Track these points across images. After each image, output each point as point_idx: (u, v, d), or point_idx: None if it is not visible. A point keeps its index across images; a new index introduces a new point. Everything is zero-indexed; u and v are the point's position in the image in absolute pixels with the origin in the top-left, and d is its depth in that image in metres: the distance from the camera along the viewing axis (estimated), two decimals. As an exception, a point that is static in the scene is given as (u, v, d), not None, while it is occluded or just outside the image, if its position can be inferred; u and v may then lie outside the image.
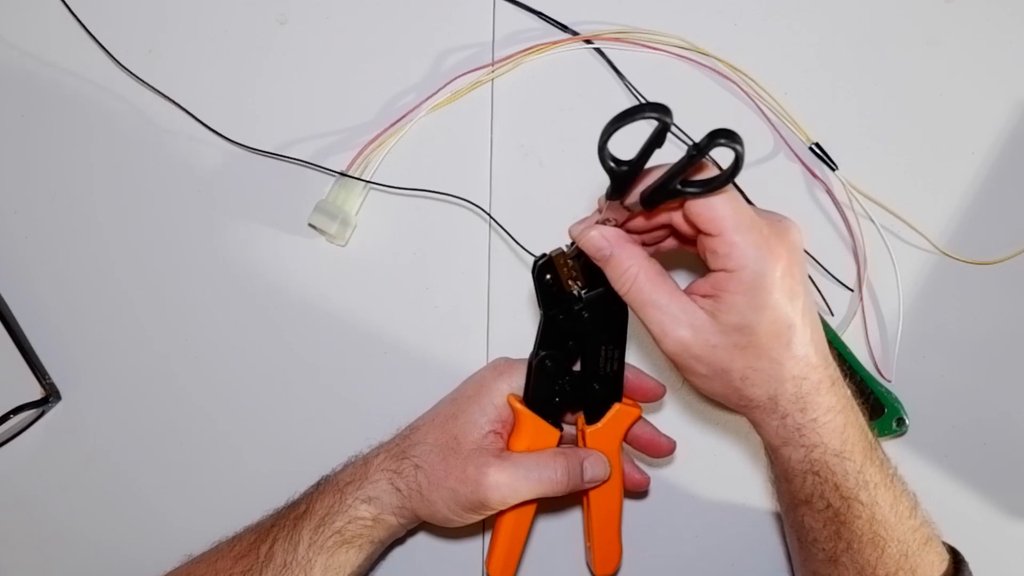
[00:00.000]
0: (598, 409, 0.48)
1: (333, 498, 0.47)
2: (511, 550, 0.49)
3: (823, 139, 0.56)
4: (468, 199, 0.56)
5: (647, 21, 0.57)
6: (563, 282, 0.46)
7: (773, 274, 0.38)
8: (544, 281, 0.46)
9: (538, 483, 0.46)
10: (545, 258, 0.46)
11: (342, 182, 0.56)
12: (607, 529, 0.50)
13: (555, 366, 0.47)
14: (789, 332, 0.39)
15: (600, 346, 0.47)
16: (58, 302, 0.58)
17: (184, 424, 0.57)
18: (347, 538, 0.47)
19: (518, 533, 0.49)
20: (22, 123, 0.59)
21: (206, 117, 0.57)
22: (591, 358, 0.48)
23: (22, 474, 0.58)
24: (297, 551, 0.46)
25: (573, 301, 0.47)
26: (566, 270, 0.46)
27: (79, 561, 0.58)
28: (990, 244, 0.56)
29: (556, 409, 0.48)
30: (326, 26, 0.58)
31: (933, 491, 0.56)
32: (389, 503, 0.47)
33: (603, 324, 0.47)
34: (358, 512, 0.47)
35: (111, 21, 0.59)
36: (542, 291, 0.46)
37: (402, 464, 0.47)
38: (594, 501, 0.49)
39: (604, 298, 0.46)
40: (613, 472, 0.48)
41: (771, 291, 0.39)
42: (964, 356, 0.56)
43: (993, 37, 0.57)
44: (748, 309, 0.39)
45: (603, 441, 0.48)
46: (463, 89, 0.57)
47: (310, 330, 0.57)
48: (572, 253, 0.45)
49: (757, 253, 0.38)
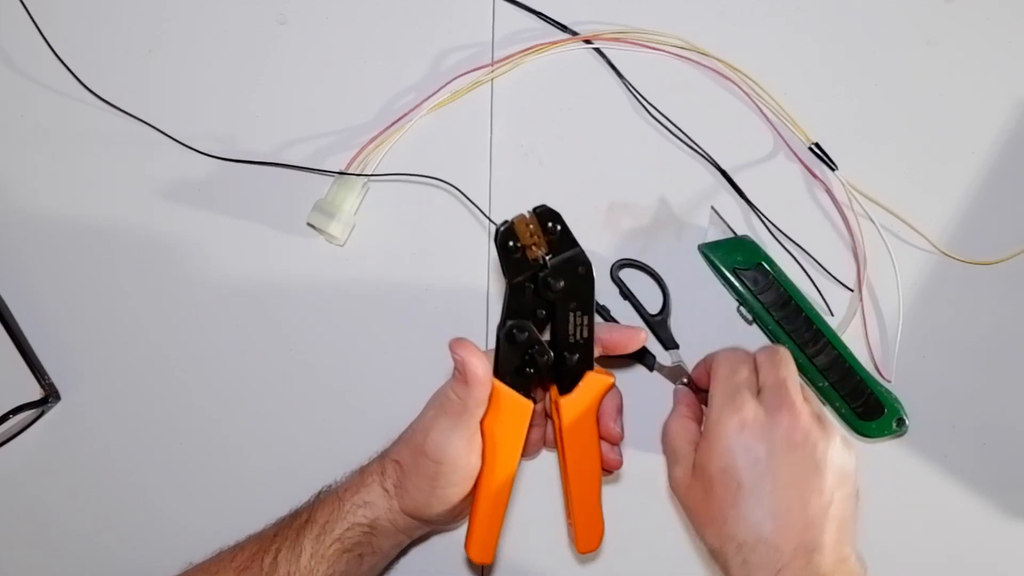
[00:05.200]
0: (570, 379, 0.47)
1: (332, 506, 0.48)
2: (489, 529, 0.48)
3: (823, 139, 0.56)
4: (464, 191, 0.56)
5: (647, 21, 0.57)
6: (527, 249, 0.45)
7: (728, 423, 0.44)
8: (508, 248, 0.45)
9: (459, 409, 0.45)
10: (507, 224, 0.45)
11: (341, 181, 0.55)
12: (587, 503, 0.49)
13: (523, 335, 0.46)
14: (737, 490, 0.43)
15: (568, 313, 0.47)
16: (58, 302, 0.58)
17: (183, 424, 0.57)
18: (347, 546, 0.47)
19: (496, 511, 0.48)
20: (21, 123, 0.59)
21: (206, 116, 0.57)
22: (560, 326, 0.47)
23: (22, 474, 0.58)
24: (300, 562, 0.47)
25: (538, 268, 0.46)
26: (528, 235, 0.45)
27: (79, 561, 0.58)
28: (990, 244, 0.56)
29: (527, 380, 0.47)
30: (326, 26, 0.58)
31: (933, 491, 0.56)
32: (382, 506, 0.48)
33: (570, 290, 0.46)
34: (356, 518, 0.47)
35: (110, 21, 0.59)
36: (506, 258, 0.45)
37: (385, 464, 0.49)
38: (572, 475, 0.48)
39: (570, 263, 0.46)
40: (590, 444, 0.48)
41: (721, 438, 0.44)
42: (964, 356, 0.56)
43: (993, 37, 0.57)
44: (704, 450, 0.45)
45: (576, 410, 0.47)
46: (463, 89, 0.57)
47: (310, 330, 0.57)
48: (533, 219, 0.45)
49: (722, 403, 0.45)
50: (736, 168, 0.56)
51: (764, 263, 0.54)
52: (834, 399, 0.54)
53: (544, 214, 0.45)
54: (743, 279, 0.54)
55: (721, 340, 0.56)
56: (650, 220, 0.57)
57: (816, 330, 0.54)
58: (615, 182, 0.57)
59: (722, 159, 0.56)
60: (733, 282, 0.54)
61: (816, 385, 0.54)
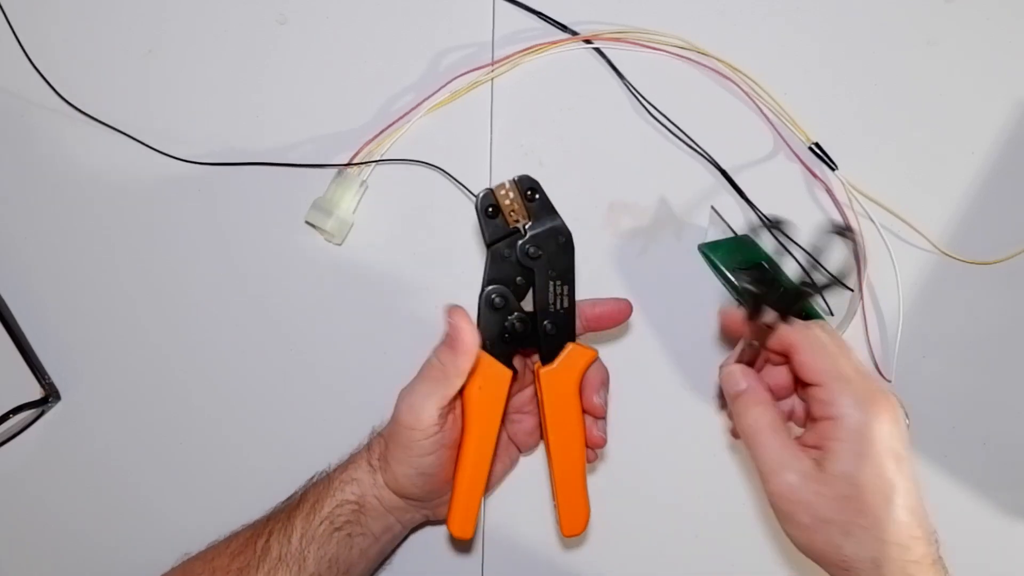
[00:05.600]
0: (551, 349, 0.48)
1: (322, 485, 0.49)
2: (469, 501, 0.47)
3: (823, 139, 0.56)
4: (463, 184, 0.56)
5: (647, 21, 0.57)
6: (506, 215, 0.46)
7: (877, 426, 0.39)
8: (487, 213, 0.46)
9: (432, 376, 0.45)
10: (487, 190, 0.46)
11: (339, 180, 0.55)
12: (572, 485, 0.49)
13: (503, 301, 0.47)
14: (892, 492, 0.39)
15: (548, 282, 0.47)
16: (58, 302, 0.58)
17: (183, 423, 0.58)
18: (337, 524, 0.47)
19: (476, 482, 0.47)
20: (21, 123, 0.59)
21: (206, 117, 0.58)
22: (540, 295, 0.47)
23: (22, 474, 0.58)
24: (291, 543, 0.47)
25: (517, 236, 0.47)
26: (508, 203, 0.46)
27: (79, 561, 0.58)
28: (990, 244, 0.56)
29: (507, 347, 0.47)
30: (326, 26, 0.58)
31: (933, 491, 0.56)
32: (367, 481, 0.48)
33: (550, 259, 0.47)
34: (344, 495, 0.48)
35: (110, 21, 0.59)
36: (486, 224, 0.46)
37: (372, 440, 0.50)
38: (555, 450, 0.48)
39: (550, 232, 0.46)
40: (573, 419, 0.48)
41: (874, 442, 0.39)
42: (964, 356, 0.56)
43: (993, 37, 0.57)
44: (852, 456, 0.39)
45: (558, 382, 0.47)
46: (462, 89, 0.57)
47: (309, 329, 0.57)
48: (514, 187, 0.46)
49: (859, 403, 0.40)
50: (736, 168, 0.56)
51: (764, 263, 0.54)
52: (834, 399, 0.54)
53: (523, 181, 0.46)
54: (743, 279, 0.54)
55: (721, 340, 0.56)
56: (650, 220, 0.57)
57: (816, 330, 0.54)
58: (615, 182, 0.57)
59: (722, 159, 0.56)
60: (733, 282, 0.54)
61: (816, 385, 0.54)
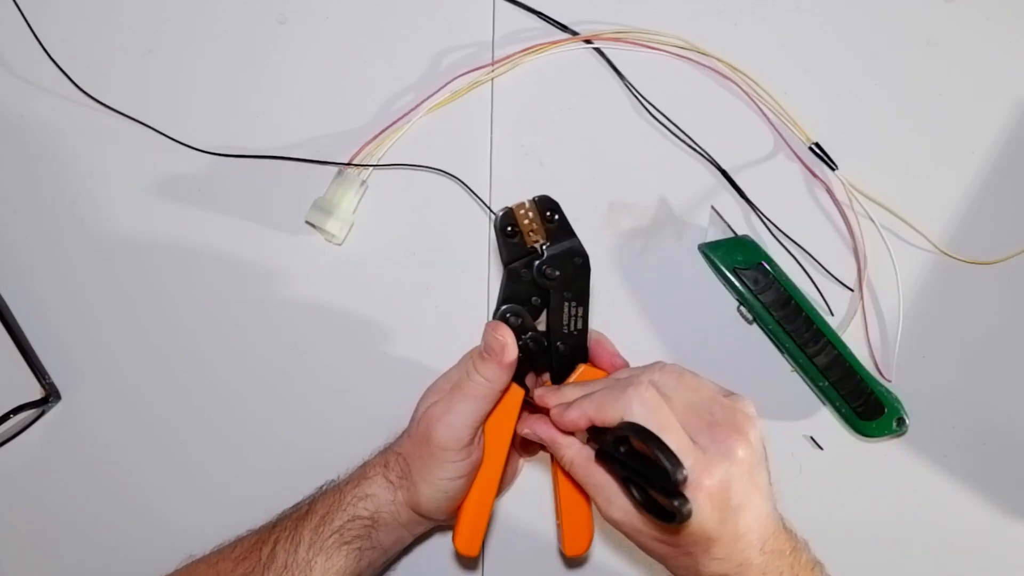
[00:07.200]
0: (563, 370, 0.48)
1: (333, 498, 0.48)
2: (477, 519, 0.48)
3: (823, 139, 0.56)
4: (467, 182, 0.56)
5: (647, 21, 0.57)
6: (524, 235, 0.46)
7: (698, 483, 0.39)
8: (506, 232, 0.46)
9: (465, 389, 0.45)
10: (507, 209, 0.46)
11: (339, 180, 0.55)
12: (576, 505, 0.49)
13: (518, 320, 0.47)
14: (707, 542, 0.40)
15: (563, 303, 0.47)
16: (58, 302, 0.58)
17: (184, 423, 0.57)
18: (347, 539, 0.47)
19: (485, 501, 0.48)
20: (21, 123, 0.59)
21: (206, 117, 0.57)
22: (555, 316, 0.47)
23: (22, 474, 0.58)
24: (298, 552, 0.47)
25: (535, 256, 0.46)
26: (527, 223, 0.46)
27: (79, 561, 0.58)
28: (990, 244, 0.56)
29: (520, 366, 0.47)
30: (326, 26, 0.58)
31: (933, 491, 0.56)
32: (384, 498, 0.48)
33: (566, 280, 0.47)
34: (357, 511, 0.47)
35: (110, 20, 0.59)
36: (504, 243, 0.46)
37: (388, 457, 0.49)
38: (562, 474, 0.48)
39: (567, 254, 0.46)
40: None
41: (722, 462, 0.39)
42: (964, 356, 0.56)
43: (993, 37, 0.57)
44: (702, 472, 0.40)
45: None
46: (462, 89, 0.57)
47: (309, 329, 0.57)
48: (533, 207, 0.46)
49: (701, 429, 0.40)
50: (736, 168, 0.56)
51: (764, 263, 0.54)
52: (834, 399, 0.54)
53: (543, 202, 0.46)
54: (743, 279, 0.54)
55: (721, 340, 0.56)
56: (650, 220, 0.57)
57: (816, 330, 0.54)
58: (615, 182, 0.57)
59: (722, 159, 0.56)
60: (733, 282, 0.54)
61: (816, 385, 0.54)
